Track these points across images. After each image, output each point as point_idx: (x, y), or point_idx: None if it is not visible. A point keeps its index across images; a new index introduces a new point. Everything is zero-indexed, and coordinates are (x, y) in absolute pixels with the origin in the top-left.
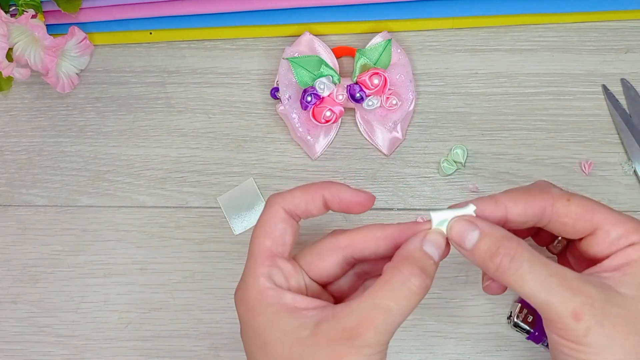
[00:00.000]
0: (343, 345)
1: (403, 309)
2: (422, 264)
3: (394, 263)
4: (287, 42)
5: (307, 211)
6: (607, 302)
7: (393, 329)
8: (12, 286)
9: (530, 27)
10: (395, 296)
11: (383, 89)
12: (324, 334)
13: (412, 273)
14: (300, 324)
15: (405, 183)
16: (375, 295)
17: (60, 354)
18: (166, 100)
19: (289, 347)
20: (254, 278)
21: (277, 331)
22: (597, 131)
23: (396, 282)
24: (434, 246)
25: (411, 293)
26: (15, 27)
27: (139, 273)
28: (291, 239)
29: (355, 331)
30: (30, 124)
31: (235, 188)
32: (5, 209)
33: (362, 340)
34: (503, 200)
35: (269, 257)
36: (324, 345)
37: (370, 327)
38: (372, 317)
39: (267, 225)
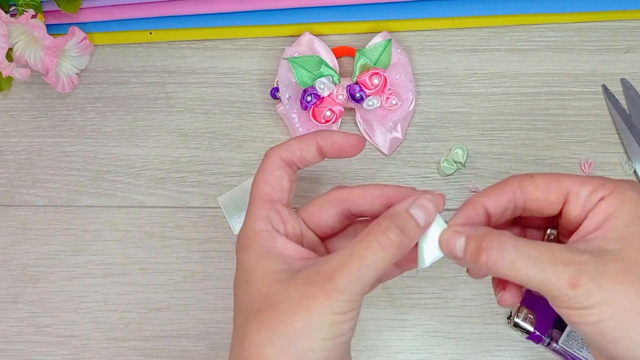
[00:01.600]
0: (315, 287)
1: (377, 260)
2: (403, 222)
3: (378, 219)
4: (287, 42)
5: (302, 158)
6: (599, 262)
7: (367, 280)
8: (12, 286)
9: (530, 27)
10: (370, 246)
11: (383, 89)
12: (301, 277)
13: (389, 227)
14: (284, 268)
15: (405, 183)
16: (353, 245)
17: (60, 354)
18: (166, 100)
19: (267, 285)
20: (252, 220)
21: (261, 270)
22: (597, 131)
23: (373, 234)
24: (420, 210)
25: (385, 245)
26: (15, 27)
27: (139, 273)
28: (288, 185)
29: (328, 275)
30: (30, 124)
31: (235, 188)
32: (5, 209)
33: (334, 284)
34: (478, 200)
35: (268, 201)
36: (299, 286)
37: (343, 272)
38: (346, 264)
39: (265, 172)
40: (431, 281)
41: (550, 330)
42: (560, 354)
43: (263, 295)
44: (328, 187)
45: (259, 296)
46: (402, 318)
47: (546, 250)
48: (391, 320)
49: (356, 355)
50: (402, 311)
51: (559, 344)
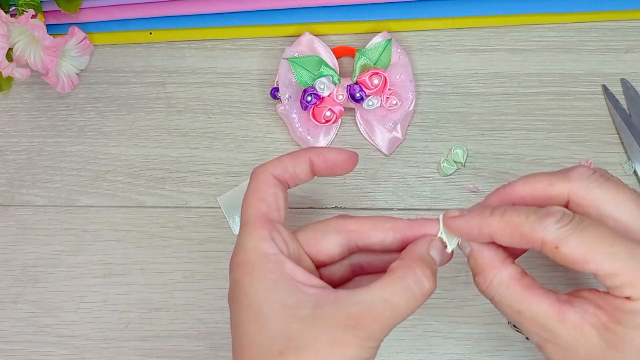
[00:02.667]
0: (347, 333)
1: (409, 309)
2: (433, 268)
3: (407, 262)
4: (287, 42)
5: (295, 175)
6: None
7: (395, 326)
8: (12, 286)
9: (530, 27)
10: (405, 295)
11: (383, 89)
12: (326, 317)
13: (426, 275)
14: (299, 300)
15: (405, 183)
16: (385, 289)
17: (60, 354)
18: (166, 100)
19: (286, 322)
20: (253, 242)
21: (275, 303)
22: (597, 131)
23: (409, 281)
24: (437, 253)
25: (421, 294)
26: (15, 27)
27: (139, 273)
28: (284, 204)
29: (360, 321)
30: (30, 124)
31: (235, 188)
32: (5, 209)
33: (366, 332)
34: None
35: (267, 221)
36: (326, 328)
37: (377, 319)
38: (379, 311)
39: (260, 191)
40: None
41: None
42: None
43: (284, 335)
44: (328, 187)
45: (279, 336)
46: None
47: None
48: None
49: None
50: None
51: None
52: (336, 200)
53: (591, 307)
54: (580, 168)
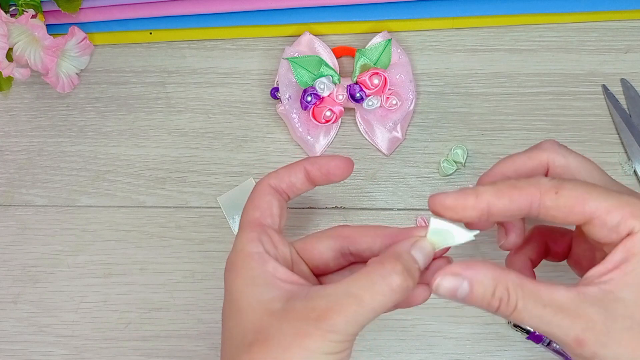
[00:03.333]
0: (310, 325)
1: (377, 304)
2: (407, 265)
3: (379, 258)
4: (287, 42)
5: (291, 184)
6: (608, 319)
7: (363, 321)
8: (12, 286)
9: (530, 27)
10: (371, 289)
11: (383, 89)
12: (294, 310)
13: (395, 270)
14: (274, 295)
15: (405, 183)
16: (352, 283)
17: (60, 354)
18: (166, 100)
19: (258, 315)
20: (242, 243)
21: (252, 298)
22: (597, 131)
23: (376, 275)
24: (421, 253)
25: (389, 289)
26: (15, 27)
27: (139, 273)
28: (279, 211)
29: (324, 313)
30: (30, 124)
31: (235, 188)
32: (5, 209)
33: (329, 325)
34: (485, 196)
35: (258, 225)
36: (292, 320)
37: (340, 313)
38: (343, 304)
39: (255, 199)
40: None
41: None
42: (560, 354)
43: (255, 328)
44: (328, 187)
45: (250, 328)
46: (402, 318)
47: (551, 301)
48: (391, 320)
49: (356, 355)
50: (402, 311)
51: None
52: (336, 200)
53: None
54: (547, 141)
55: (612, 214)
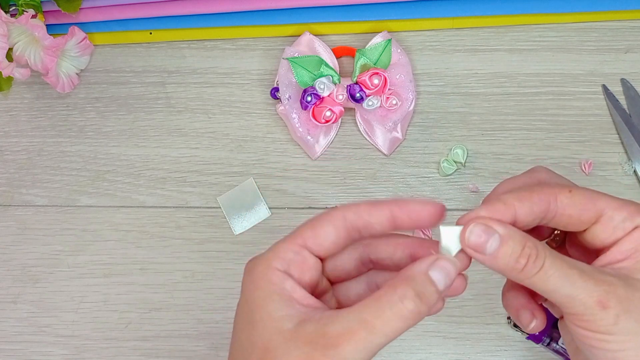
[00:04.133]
0: (317, 351)
1: (388, 331)
2: (421, 288)
3: (393, 281)
4: (287, 42)
5: (369, 224)
6: (629, 288)
7: (373, 349)
8: (12, 286)
9: (530, 27)
10: (382, 315)
11: (383, 89)
12: (304, 333)
13: (406, 295)
14: (287, 314)
15: (405, 183)
16: (363, 309)
17: (60, 354)
18: (166, 100)
19: (269, 332)
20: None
21: (265, 313)
22: (597, 131)
23: (387, 301)
24: (441, 273)
25: (400, 316)
26: (15, 27)
27: (139, 273)
28: (333, 246)
29: (333, 340)
30: (30, 124)
31: (235, 188)
32: (5, 209)
33: (338, 352)
34: (510, 201)
35: (299, 245)
36: (300, 344)
37: (350, 340)
38: (354, 331)
39: (317, 223)
40: None
41: (550, 330)
42: (560, 354)
43: (264, 345)
44: (328, 187)
45: (259, 345)
46: None
47: (576, 265)
48: None
49: None
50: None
51: (558, 344)
52: (336, 200)
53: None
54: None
55: (620, 210)
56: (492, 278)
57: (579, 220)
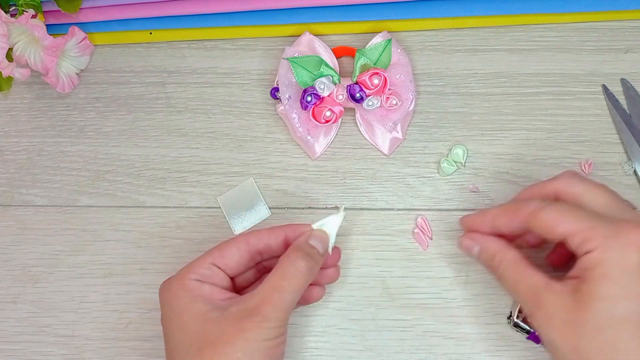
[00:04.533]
0: (246, 320)
1: (294, 287)
2: (307, 250)
3: (286, 253)
4: (287, 42)
5: (268, 246)
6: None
7: (289, 306)
8: (12, 286)
9: (530, 27)
10: (284, 276)
11: (383, 89)
12: (231, 314)
13: (298, 256)
14: (212, 307)
15: (405, 183)
16: (270, 279)
17: (60, 353)
18: (166, 100)
19: (202, 324)
20: (184, 276)
21: (193, 312)
22: (597, 131)
23: (285, 265)
24: (317, 240)
25: (298, 272)
26: (15, 27)
27: (139, 273)
28: (238, 267)
29: (256, 309)
30: (30, 124)
31: (235, 188)
32: (5, 209)
33: (262, 316)
34: (490, 216)
35: (209, 263)
36: (231, 321)
37: (268, 304)
38: (268, 296)
39: (224, 244)
40: (431, 281)
41: None
42: None
43: (201, 335)
44: (328, 187)
45: (196, 336)
46: (402, 318)
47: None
48: (391, 320)
49: (356, 355)
50: (402, 311)
51: None
52: (336, 200)
53: (570, 279)
54: (566, 172)
55: (576, 236)
56: (492, 278)
57: (547, 238)
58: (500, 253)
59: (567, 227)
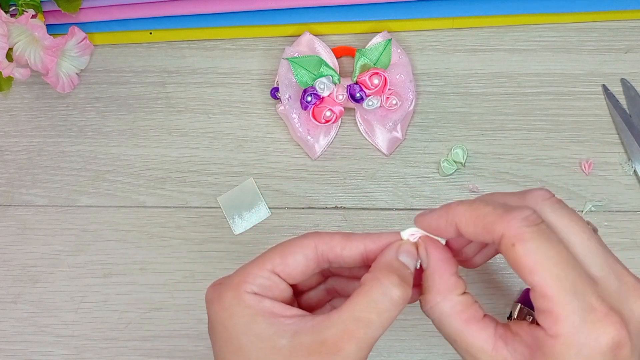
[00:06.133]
0: (322, 357)
1: (384, 321)
2: (401, 273)
3: (373, 274)
4: (287, 42)
5: (340, 257)
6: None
7: (373, 342)
8: (12, 286)
9: (530, 27)
10: (376, 308)
11: (383, 89)
12: (303, 345)
13: (393, 283)
14: (277, 330)
15: (405, 183)
16: (355, 307)
17: (60, 354)
18: (166, 100)
19: (265, 353)
20: (239, 283)
21: (253, 336)
22: (597, 131)
23: (377, 293)
24: (408, 256)
25: (392, 304)
26: (15, 27)
27: (139, 273)
28: (301, 275)
29: (336, 345)
30: (30, 124)
31: (235, 188)
32: (5, 209)
33: (343, 355)
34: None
35: (269, 270)
36: (302, 357)
37: (351, 341)
38: (353, 331)
39: (287, 247)
40: None
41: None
42: None
43: None
44: (328, 187)
45: None
46: (402, 318)
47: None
48: None
49: None
50: (402, 311)
51: None
52: (336, 200)
53: (521, 345)
54: (537, 190)
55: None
56: (491, 278)
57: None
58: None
59: (543, 284)
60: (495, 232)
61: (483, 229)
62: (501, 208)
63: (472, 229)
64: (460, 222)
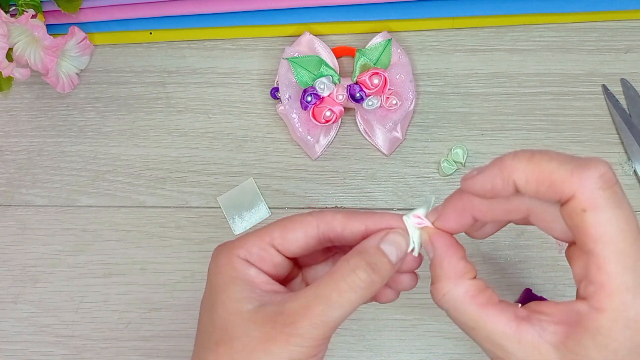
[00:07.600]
0: (276, 328)
1: (345, 304)
2: (372, 259)
3: (346, 256)
4: (287, 42)
5: (341, 236)
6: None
7: (332, 323)
8: (12, 286)
9: (530, 27)
10: (337, 287)
11: (383, 89)
12: (263, 314)
13: (358, 266)
14: (248, 297)
15: (405, 183)
16: (318, 285)
17: (60, 354)
18: (166, 100)
19: (228, 314)
20: (237, 244)
21: (226, 295)
22: (597, 131)
23: (341, 272)
24: (392, 245)
25: (355, 286)
26: (15, 27)
27: (139, 273)
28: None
29: (290, 318)
30: (30, 124)
31: (235, 188)
32: (5, 209)
33: (295, 328)
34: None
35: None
36: (259, 324)
37: (305, 316)
38: (311, 307)
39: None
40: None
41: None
42: None
43: (223, 326)
44: (328, 187)
45: (218, 325)
46: (402, 318)
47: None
48: (391, 320)
49: (356, 355)
50: (402, 311)
51: None
52: (336, 200)
53: (551, 324)
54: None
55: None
56: (491, 278)
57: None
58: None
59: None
60: (564, 193)
61: (548, 188)
62: (569, 163)
63: (535, 187)
64: (520, 180)
